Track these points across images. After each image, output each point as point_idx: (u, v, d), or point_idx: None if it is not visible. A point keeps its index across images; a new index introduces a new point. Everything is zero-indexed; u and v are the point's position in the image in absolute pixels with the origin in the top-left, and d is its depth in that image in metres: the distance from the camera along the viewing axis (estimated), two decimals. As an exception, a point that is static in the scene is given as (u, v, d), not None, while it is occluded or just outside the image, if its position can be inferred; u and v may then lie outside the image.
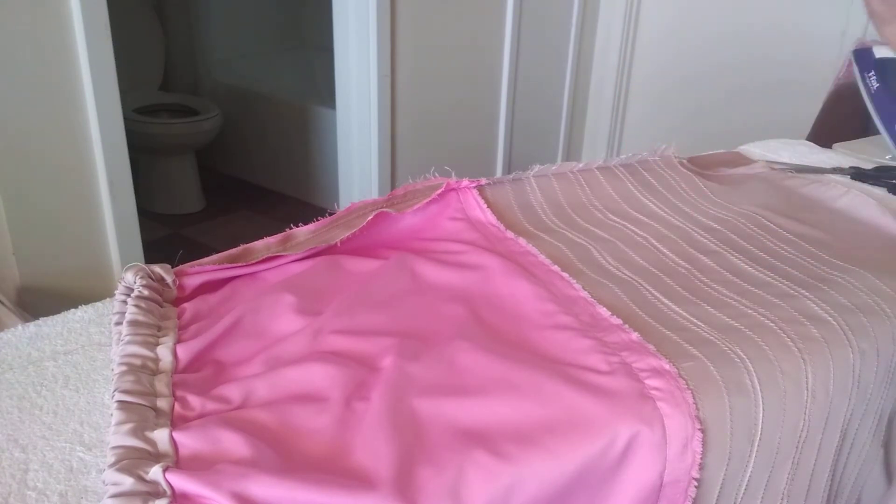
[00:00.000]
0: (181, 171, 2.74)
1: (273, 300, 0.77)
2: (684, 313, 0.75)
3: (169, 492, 0.53)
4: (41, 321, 0.78)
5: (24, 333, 0.76)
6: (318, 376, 0.66)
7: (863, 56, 1.34)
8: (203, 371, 0.69)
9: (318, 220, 0.91)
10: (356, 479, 0.55)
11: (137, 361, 0.66)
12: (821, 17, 2.03)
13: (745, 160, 1.23)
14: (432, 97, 2.13)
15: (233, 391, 0.65)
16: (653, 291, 0.79)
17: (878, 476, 0.81)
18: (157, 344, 0.70)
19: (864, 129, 1.48)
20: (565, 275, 0.80)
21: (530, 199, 0.99)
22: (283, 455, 0.58)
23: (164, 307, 0.77)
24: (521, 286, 0.78)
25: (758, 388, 0.66)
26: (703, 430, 0.61)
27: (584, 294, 0.77)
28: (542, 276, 0.80)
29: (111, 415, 0.60)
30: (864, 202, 1.03)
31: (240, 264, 0.83)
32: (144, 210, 2.53)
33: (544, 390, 0.62)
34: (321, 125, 2.71)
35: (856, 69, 1.34)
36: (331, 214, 0.92)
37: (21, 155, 1.39)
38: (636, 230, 0.93)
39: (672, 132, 2.38)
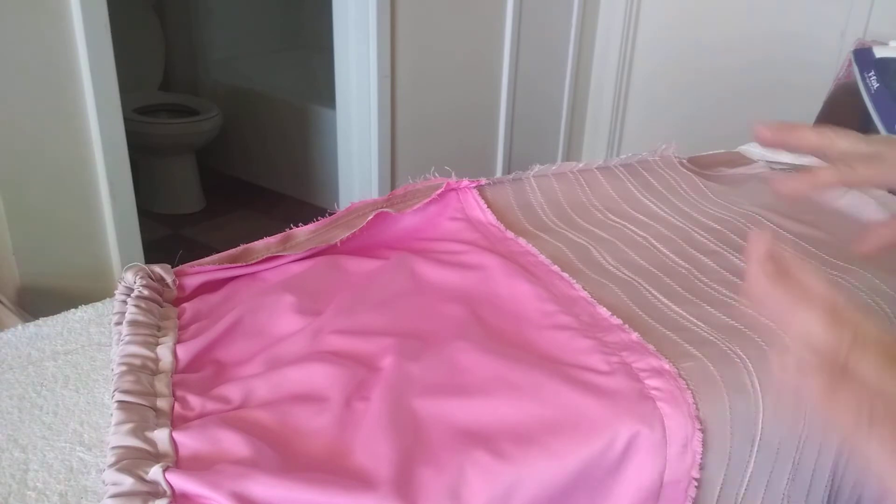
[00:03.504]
0: (181, 171, 2.74)
1: (273, 300, 0.77)
2: (684, 313, 0.75)
3: (169, 492, 0.53)
4: (41, 321, 0.78)
5: (24, 333, 0.76)
6: (318, 376, 0.66)
7: (863, 56, 1.34)
8: (203, 371, 0.69)
9: (318, 220, 0.91)
10: (356, 479, 0.55)
11: (137, 361, 0.66)
12: (821, 17, 2.03)
13: (745, 160, 1.23)
14: (432, 97, 2.13)
15: (233, 391, 0.65)
16: (653, 291, 0.79)
17: (879, 476, 0.81)
18: (157, 344, 0.70)
19: (864, 129, 1.48)
20: (565, 275, 0.80)
21: (530, 199, 0.99)
22: (283, 455, 0.58)
23: (164, 307, 0.77)
24: (521, 286, 0.78)
25: (758, 388, 0.66)
26: (703, 430, 0.61)
27: (584, 294, 0.77)
28: (542, 276, 0.80)
29: (111, 415, 0.60)
30: (864, 202, 1.03)
31: (240, 264, 0.83)
32: (144, 210, 2.53)
33: (544, 390, 0.62)
34: (321, 125, 2.71)
35: (856, 69, 1.34)
36: (331, 214, 0.92)
37: (21, 155, 1.39)
38: (636, 230, 0.93)
39: (672, 132, 2.38)
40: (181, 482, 0.53)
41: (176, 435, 0.58)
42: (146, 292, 0.76)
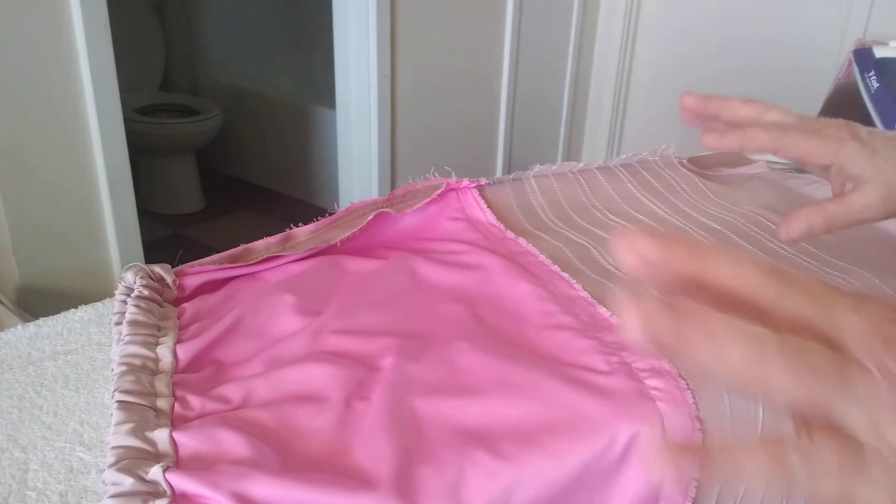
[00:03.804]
0: (181, 171, 2.74)
1: (273, 300, 0.77)
2: (684, 313, 0.75)
3: (169, 492, 0.53)
4: (41, 321, 0.78)
5: (24, 333, 0.76)
6: (318, 376, 0.66)
7: (863, 56, 1.34)
8: (203, 371, 0.69)
9: (318, 220, 0.91)
10: (356, 478, 0.55)
11: (137, 361, 0.66)
12: (820, 17, 2.04)
13: (745, 160, 1.23)
14: (432, 97, 2.13)
15: (233, 391, 0.65)
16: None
17: (878, 476, 0.81)
18: (157, 344, 0.70)
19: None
20: (565, 275, 0.80)
21: (530, 199, 0.99)
22: (283, 455, 0.58)
23: (164, 307, 0.77)
24: (521, 286, 0.78)
25: (758, 388, 0.66)
26: (703, 430, 0.61)
27: (584, 294, 0.77)
28: (543, 276, 0.80)
29: (111, 415, 0.60)
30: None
31: (240, 264, 0.83)
32: (144, 210, 2.53)
33: (544, 390, 0.62)
34: (321, 125, 2.71)
35: (856, 69, 1.34)
36: (331, 214, 0.92)
37: (21, 155, 1.39)
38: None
39: (672, 135, 2.38)
40: (181, 482, 0.53)
41: (176, 435, 0.58)
42: (146, 292, 0.76)
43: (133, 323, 0.71)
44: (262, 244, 0.87)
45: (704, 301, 0.24)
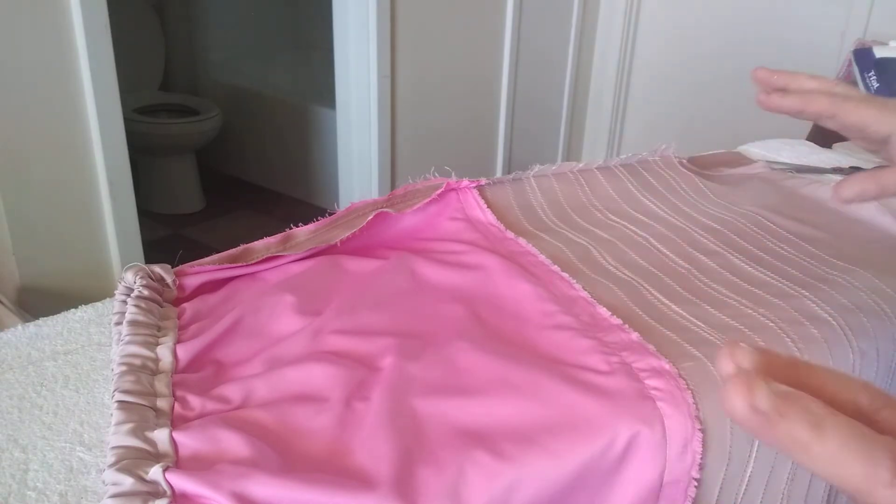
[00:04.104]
0: (181, 171, 2.74)
1: (273, 300, 0.77)
2: (684, 313, 0.75)
3: (169, 492, 0.53)
4: (41, 321, 0.78)
5: (24, 333, 0.76)
6: (317, 376, 0.66)
7: (863, 56, 1.34)
8: (203, 371, 0.69)
9: (318, 220, 0.91)
10: (356, 479, 0.55)
11: (137, 361, 0.66)
12: (821, 17, 2.04)
13: (745, 160, 1.23)
14: (432, 97, 2.13)
15: (233, 391, 0.65)
16: (653, 291, 0.79)
17: (878, 476, 0.81)
18: (157, 344, 0.70)
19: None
20: (565, 275, 0.80)
21: (530, 199, 0.99)
22: (283, 455, 0.58)
23: (163, 307, 0.77)
24: (521, 286, 0.78)
25: (758, 388, 0.66)
26: (703, 430, 0.61)
27: (584, 294, 0.77)
28: (542, 276, 0.80)
29: (111, 415, 0.60)
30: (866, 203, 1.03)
31: (240, 264, 0.83)
32: (144, 210, 2.53)
33: (544, 390, 0.62)
34: (321, 125, 2.71)
35: (855, 69, 1.34)
36: (331, 214, 0.92)
37: (21, 155, 1.39)
38: (636, 230, 0.93)
39: (672, 136, 2.38)
40: (181, 482, 0.53)
41: (176, 435, 0.58)
42: (146, 292, 0.76)
43: (133, 323, 0.71)
44: (262, 244, 0.87)
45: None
